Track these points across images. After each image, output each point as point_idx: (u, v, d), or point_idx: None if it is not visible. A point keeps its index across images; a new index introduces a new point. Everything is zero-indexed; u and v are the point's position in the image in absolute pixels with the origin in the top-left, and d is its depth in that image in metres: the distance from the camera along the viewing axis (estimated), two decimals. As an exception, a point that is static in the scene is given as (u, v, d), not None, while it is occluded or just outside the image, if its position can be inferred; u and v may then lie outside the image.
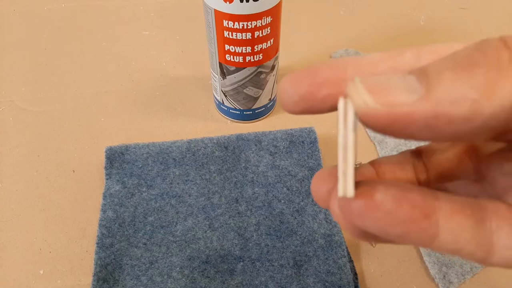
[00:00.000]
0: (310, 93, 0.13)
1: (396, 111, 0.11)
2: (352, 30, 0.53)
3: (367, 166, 0.17)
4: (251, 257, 0.33)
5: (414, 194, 0.13)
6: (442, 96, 0.11)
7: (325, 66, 0.14)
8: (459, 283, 0.33)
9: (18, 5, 0.55)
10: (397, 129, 0.11)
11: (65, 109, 0.44)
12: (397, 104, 0.11)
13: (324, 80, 0.13)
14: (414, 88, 0.11)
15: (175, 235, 0.34)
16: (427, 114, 0.11)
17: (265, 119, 0.44)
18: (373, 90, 0.11)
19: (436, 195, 0.13)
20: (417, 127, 0.11)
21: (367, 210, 0.12)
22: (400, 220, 0.12)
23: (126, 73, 0.48)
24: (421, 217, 0.12)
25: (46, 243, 0.35)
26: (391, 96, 0.11)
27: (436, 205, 0.13)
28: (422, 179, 0.17)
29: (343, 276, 0.32)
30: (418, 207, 0.12)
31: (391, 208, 0.12)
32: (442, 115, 0.11)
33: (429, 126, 0.11)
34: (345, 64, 0.14)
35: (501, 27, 0.54)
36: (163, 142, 0.39)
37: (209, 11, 0.34)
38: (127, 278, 0.32)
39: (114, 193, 0.36)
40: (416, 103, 0.11)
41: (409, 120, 0.11)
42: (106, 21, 0.54)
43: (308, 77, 0.13)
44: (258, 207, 0.36)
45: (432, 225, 0.12)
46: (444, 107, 0.11)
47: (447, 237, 0.13)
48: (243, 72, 0.38)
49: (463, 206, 0.13)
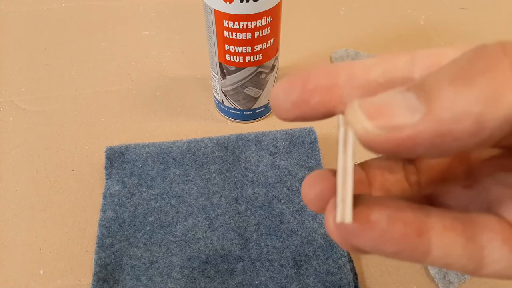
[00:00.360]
0: (302, 100, 0.13)
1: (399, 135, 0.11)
2: (352, 30, 0.53)
3: (357, 168, 0.17)
4: (251, 257, 0.33)
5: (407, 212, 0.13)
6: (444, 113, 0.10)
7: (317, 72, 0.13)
8: (459, 283, 0.33)
9: (18, 5, 0.55)
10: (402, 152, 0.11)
11: (65, 109, 0.44)
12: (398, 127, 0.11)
13: (316, 86, 0.13)
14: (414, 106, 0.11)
15: (175, 235, 0.34)
16: (431, 134, 0.10)
17: (265, 119, 0.44)
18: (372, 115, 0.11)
19: (428, 212, 0.13)
20: (422, 147, 0.11)
21: (362, 231, 0.13)
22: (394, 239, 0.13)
23: (126, 73, 0.48)
24: (414, 235, 0.13)
25: (46, 243, 0.35)
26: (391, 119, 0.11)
27: (428, 223, 0.13)
28: (413, 180, 0.17)
29: (343, 276, 0.32)
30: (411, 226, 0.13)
31: (385, 228, 0.12)
32: (447, 134, 0.10)
33: (434, 146, 0.10)
34: (338, 70, 0.13)
35: (501, 27, 0.54)
36: (163, 142, 0.39)
37: (209, 11, 0.34)
38: (127, 278, 0.32)
39: (114, 193, 0.36)
40: (418, 124, 0.10)
41: (414, 142, 0.11)
42: (106, 21, 0.54)
43: (300, 83, 0.13)
44: (258, 207, 0.36)
45: (425, 242, 0.13)
46: (448, 125, 0.10)
47: (439, 253, 0.13)
48: (243, 72, 0.38)
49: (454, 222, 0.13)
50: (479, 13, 0.56)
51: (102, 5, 0.56)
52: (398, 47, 0.51)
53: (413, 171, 0.17)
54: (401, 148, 0.11)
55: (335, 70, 0.13)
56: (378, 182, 0.17)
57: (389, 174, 0.17)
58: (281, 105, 0.13)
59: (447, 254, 0.13)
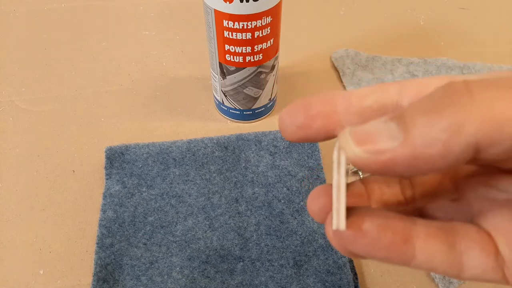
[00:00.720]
0: (305, 125, 0.15)
1: (381, 158, 0.13)
2: (352, 30, 0.53)
3: (358, 183, 0.19)
4: (251, 257, 0.33)
5: (395, 222, 0.15)
6: (418, 140, 0.12)
7: (317, 99, 0.15)
8: (459, 283, 0.33)
9: (18, 5, 0.55)
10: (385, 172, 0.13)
11: (65, 109, 0.44)
12: (381, 151, 0.13)
13: (317, 112, 0.15)
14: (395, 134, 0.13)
15: (175, 235, 0.34)
16: (407, 157, 0.12)
17: (265, 119, 0.44)
18: (360, 141, 0.13)
19: (415, 222, 0.15)
20: (401, 168, 0.13)
21: (355, 238, 0.15)
22: (383, 246, 0.14)
23: (126, 73, 0.48)
24: (400, 242, 0.15)
25: (46, 243, 0.35)
26: (375, 145, 0.13)
27: (414, 231, 0.15)
28: (408, 195, 0.19)
29: (343, 276, 0.32)
30: (398, 234, 0.15)
31: (375, 236, 0.14)
32: (420, 157, 0.12)
33: (411, 166, 0.12)
34: (336, 98, 0.15)
35: (501, 27, 0.54)
36: (163, 142, 0.39)
37: (209, 11, 0.34)
38: (127, 278, 0.32)
39: (114, 193, 0.36)
40: (397, 149, 0.12)
41: (393, 163, 0.13)
42: (106, 21, 0.54)
43: (303, 110, 0.15)
44: (258, 207, 0.36)
45: (410, 248, 0.15)
46: (421, 149, 0.12)
47: (423, 258, 0.15)
48: (243, 72, 0.38)
49: (437, 231, 0.15)
50: (479, 13, 0.56)
51: (102, 5, 0.56)
52: (398, 47, 0.51)
53: (408, 186, 0.19)
54: (384, 168, 0.13)
55: (333, 98, 0.15)
56: (377, 196, 0.19)
57: (386, 188, 0.19)
58: (287, 128, 0.16)
59: (430, 259, 0.15)
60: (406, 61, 0.49)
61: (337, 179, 0.14)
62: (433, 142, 0.12)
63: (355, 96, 0.15)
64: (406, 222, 0.15)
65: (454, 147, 0.12)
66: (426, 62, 0.49)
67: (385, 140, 0.13)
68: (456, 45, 0.52)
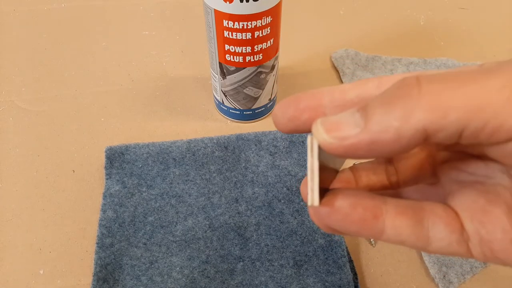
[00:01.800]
0: (295, 117, 0.17)
1: (345, 143, 0.15)
2: (352, 30, 0.53)
3: (347, 171, 0.21)
4: (251, 257, 0.33)
5: (366, 200, 0.17)
6: (374, 127, 0.14)
7: (305, 95, 0.18)
8: (459, 283, 0.33)
9: (18, 4, 0.55)
10: (350, 155, 0.15)
11: (65, 109, 0.44)
12: (345, 137, 0.15)
13: (305, 106, 0.17)
14: (358, 122, 0.15)
15: (175, 235, 0.34)
16: (366, 142, 0.14)
17: (265, 119, 0.44)
18: (329, 129, 0.15)
19: (385, 200, 0.17)
20: (362, 151, 0.15)
21: (330, 214, 0.17)
22: (354, 220, 0.16)
23: (126, 73, 0.48)
24: (371, 217, 0.16)
25: (46, 243, 0.35)
26: (340, 132, 0.15)
27: (384, 208, 0.17)
28: (393, 181, 0.21)
29: (343, 276, 0.32)
30: (368, 210, 0.16)
31: (347, 212, 0.16)
32: (377, 141, 0.14)
33: (370, 150, 0.14)
34: (321, 93, 0.18)
35: (500, 27, 0.54)
36: (163, 142, 0.39)
37: (209, 11, 0.34)
38: (127, 278, 0.32)
39: (114, 193, 0.36)
40: (358, 135, 0.14)
41: (355, 147, 0.15)
42: (106, 21, 0.54)
43: (293, 104, 0.17)
44: (258, 207, 0.36)
45: (380, 224, 0.16)
46: (377, 135, 0.14)
47: (392, 233, 0.17)
48: (243, 72, 0.38)
49: (405, 208, 0.17)
50: (479, 13, 0.56)
51: (102, 5, 0.56)
52: (398, 47, 0.51)
53: (393, 173, 0.21)
54: (347, 151, 0.15)
55: (320, 93, 0.18)
56: (364, 182, 0.21)
57: (373, 175, 0.21)
58: (279, 121, 0.18)
59: (398, 233, 0.16)
60: (406, 61, 0.49)
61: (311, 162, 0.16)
62: (387, 129, 0.14)
63: (338, 91, 0.17)
64: (377, 200, 0.17)
65: (404, 132, 0.14)
66: (426, 62, 0.49)
67: (349, 128, 0.15)
68: (456, 45, 0.52)
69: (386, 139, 0.14)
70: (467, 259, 0.34)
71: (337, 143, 0.15)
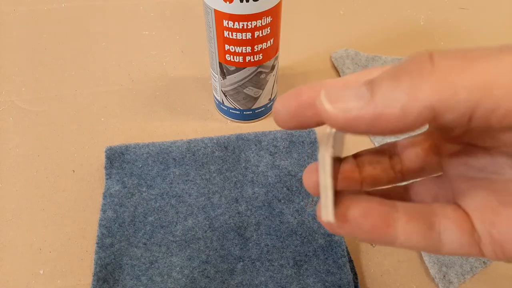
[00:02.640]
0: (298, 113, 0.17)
1: (347, 115, 0.14)
2: (352, 30, 0.53)
3: (350, 160, 0.20)
4: (251, 257, 0.33)
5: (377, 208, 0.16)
6: (380, 101, 0.13)
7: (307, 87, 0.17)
8: (459, 283, 0.33)
9: (18, 4, 0.55)
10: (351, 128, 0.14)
11: (65, 109, 0.44)
12: (348, 108, 0.14)
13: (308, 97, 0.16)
14: (363, 95, 0.14)
15: (175, 235, 0.34)
16: (370, 116, 0.14)
17: (265, 119, 0.44)
18: (333, 99, 0.14)
19: (395, 205, 0.17)
20: (364, 126, 0.14)
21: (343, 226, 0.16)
22: (367, 230, 0.16)
23: (126, 73, 0.48)
24: (384, 226, 0.16)
25: (46, 243, 0.35)
26: (344, 103, 0.14)
27: (395, 215, 0.16)
28: (397, 169, 0.20)
29: (343, 276, 0.32)
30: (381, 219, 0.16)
31: (360, 222, 0.16)
32: (381, 116, 0.13)
33: (373, 125, 0.14)
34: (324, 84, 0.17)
35: (501, 27, 0.54)
36: (163, 142, 0.39)
37: (209, 11, 0.34)
38: (127, 278, 0.32)
39: (114, 193, 0.36)
40: (362, 108, 0.14)
41: (358, 121, 0.14)
42: (106, 21, 0.54)
43: (295, 97, 0.17)
44: (258, 207, 0.36)
45: (392, 231, 0.16)
46: (381, 109, 0.13)
47: (404, 239, 0.16)
48: (243, 72, 0.38)
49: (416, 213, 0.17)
50: (479, 13, 0.56)
51: (102, 5, 0.56)
52: (398, 47, 0.51)
53: (397, 162, 0.20)
54: (349, 124, 0.14)
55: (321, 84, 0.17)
56: (368, 171, 0.20)
57: (377, 164, 0.20)
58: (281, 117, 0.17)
59: (410, 239, 0.16)
60: (406, 61, 0.49)
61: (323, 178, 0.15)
62: (392, 104, 0.13)
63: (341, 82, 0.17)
64: (388, 207, 0.17)
65: (411, 109, 0.13)
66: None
67: (353, 100, 0.14)
68: (456, 45, 0.52)
69: (391, 114, 0.13)
70: (467, 259, 0.34)
71: (339, 115, 0.14)
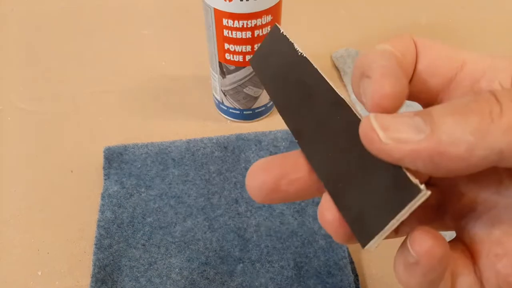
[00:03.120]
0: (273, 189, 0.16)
1: (404, 148, 0.13)
2: (352, 30, 0.53)
3: None
4: (251, 258, 0.33)
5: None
6: (444, 137, 0.12)
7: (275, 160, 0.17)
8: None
9: (17, 4, 0.55)
10: (405, 162, 0.13)
11: (64, 109, 0.44)
12: (405, 140, 0.13)
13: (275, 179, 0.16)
14: (421, 127, 0.13)
15: (174, 236, 0.34)
16: (431, 151, 0.12)
17: (265, 118, 0.43)
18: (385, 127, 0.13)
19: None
20: (422, 161, 0.13)
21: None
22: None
23: (126, 73, 0.48)
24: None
25: (44, 244, 0.35)
26: (400, 134, 0.13)
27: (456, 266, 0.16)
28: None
29: (344, 277, 0.32)
30: None
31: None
32: (444, 153, 0.12)
33: (433, 162, 0.13)
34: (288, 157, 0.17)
35: (501, 27, 0.54)
36: (162, 142, 0.39)
37: (209, 10, 0.34)
38: (126, 279, 0.32)
39: (112, 194, 0.36)
40: (422, 141, 0.13)
41: (416, 155, 0.13)
42: (106, 21, 0.54)
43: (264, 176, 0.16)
44: (258, 208, 0.35)
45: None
46: (445, 147, 0.12)
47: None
48: (243, 71, 0.38)
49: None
50: (479, 13, 0.56)
51: (102, 5, 0.56)
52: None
53: None
54: (404, 158, 0.13)
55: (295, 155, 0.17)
56: None
57: None
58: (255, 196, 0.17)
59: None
60: (407, 61, 0.49)
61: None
62: (458, 142, 0.12)
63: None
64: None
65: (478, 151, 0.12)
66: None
67: (410, 131, 0.13)
68: (456, 45, 0.51)
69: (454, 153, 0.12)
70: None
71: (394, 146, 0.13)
